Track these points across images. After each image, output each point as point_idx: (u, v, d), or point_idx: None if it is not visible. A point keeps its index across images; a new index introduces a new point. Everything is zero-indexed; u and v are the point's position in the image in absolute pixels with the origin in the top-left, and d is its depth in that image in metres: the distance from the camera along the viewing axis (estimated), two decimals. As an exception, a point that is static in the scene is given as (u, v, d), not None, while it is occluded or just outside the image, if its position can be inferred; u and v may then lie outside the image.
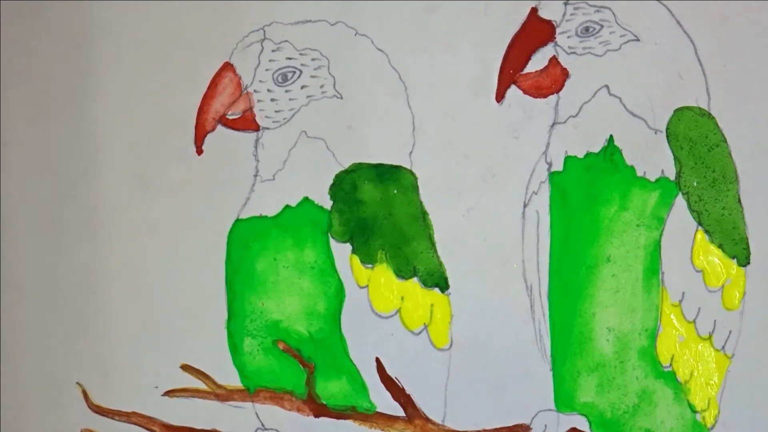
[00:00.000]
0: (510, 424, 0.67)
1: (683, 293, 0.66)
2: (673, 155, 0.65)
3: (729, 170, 0.65)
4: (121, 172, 0.68)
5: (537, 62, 0.66)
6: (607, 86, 0.65)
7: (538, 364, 0.67)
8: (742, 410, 0.66)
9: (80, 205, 0.68)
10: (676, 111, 0.65)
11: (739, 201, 0.65)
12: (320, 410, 0.68)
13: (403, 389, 0.67)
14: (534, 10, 0.65)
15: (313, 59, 0.67)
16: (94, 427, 0.69)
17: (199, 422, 0.68)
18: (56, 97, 0.68)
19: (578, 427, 0.67)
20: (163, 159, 0.68)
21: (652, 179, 0.65)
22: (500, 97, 0.66)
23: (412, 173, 0.67)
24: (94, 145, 0.68)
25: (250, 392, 0.68)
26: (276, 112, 0.67)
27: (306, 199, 0.67)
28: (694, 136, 0.65)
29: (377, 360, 0.67)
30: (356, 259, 0.67)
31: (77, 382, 0.68)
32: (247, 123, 0.67)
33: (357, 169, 0.67)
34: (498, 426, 0.67)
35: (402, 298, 0.67)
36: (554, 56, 0.65)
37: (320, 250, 0.67)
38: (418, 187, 0.67)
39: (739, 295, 0.66)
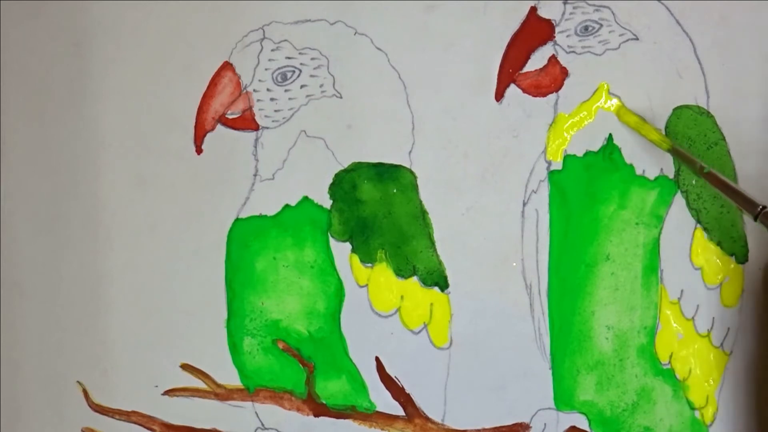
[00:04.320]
0: (509, 423, 0.67)
1: (682, 291, 0.66)
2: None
3: (727, 168, 0.65)
4: (121, 171, 0.68)
5: (536, 61, 0.66)
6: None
7: (537, 362, 0.67)
8: (741, 407, 0.66)
9: (80, 204, 0.68)
10: (675, 109, 0.66)
11: (738, 199, 0.65)
12: (320, 410, 0.68)
13: (402, 388, 0.67)
14: (533, 9, 0.66)
15: (312, 58, 0.67)
16: (94, 426, 0.69)
17: (199, 421, 0.68)
18: (56, 97, 0.68)
19: (578, 426, 0.67)
20: (162, 159, 0.67)
21: (651, 177, 0.66)
22: (499, 96, 0.66)
23: (411, 172, 0.67)
24: (94, 145, 0.68)
25: (250, 391, 0.68)
26: (275, 111, 0.67)
27: (305, 198, 0.67)
28: (693, 134, 0.65)
29: (377, 359, 0.67)
30: (356, 258, 0.67)
31: (78, 381, 0.68)
32: (246, 122, 0.67)
33: (356, 168, 0.67)
34: (498, 425, 0.67)
35: (402, 297, 0.67)
36: (553, 55, 0.66)
37: (320, 250, 0.67)
38: (417, 186, 0.67)
39: (737, 292, 0.66)
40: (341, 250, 0.67)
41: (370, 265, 0.67)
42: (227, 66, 0.67)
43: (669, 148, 0.62)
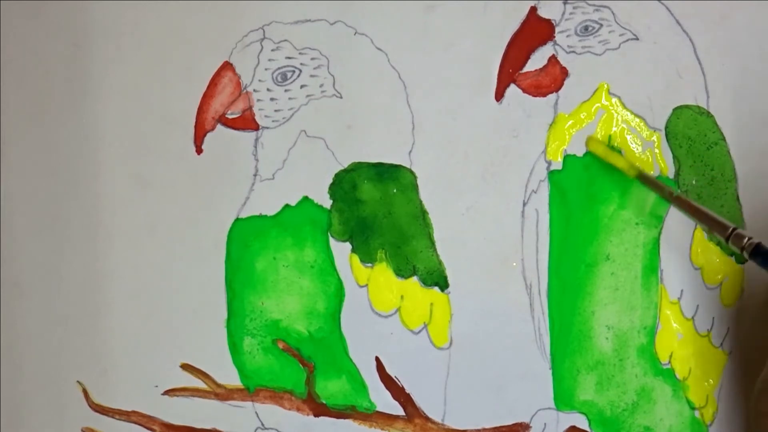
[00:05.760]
0: (509, 423, 0.67)
1: (682, 291, 0.66)
2: (672, 154, 0.65)
3: (727, 168, 0.65)
4: (121, 171, 0.68)
5: (536, 61, 0.66)
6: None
7: (537, 362, 0.67)
8: (740, 407, 0.66)
9: (80, 204, 0.68)
10: (675, 109, 0.66)
11: (738, 199, 0.65)
12: (320, 409, 0.68)
13: (402, 388, 0.67)
14: (533, 9, 0.66)
15: (312, 58, 0.67)
16: (94, 426, 0.68)
17: (199, 421, 0.68)
18: (56, 97, 0.68)
19: (578, 426, 0.67)
20: (162, 159, 0.67)
21: (651, 177, 0.66)
22: (499, 96, 0.66)
23: (411, 172, 0.67)
24: (94, 145, 0.68)
25: (250, 391, 0.68)
26: (275, 111, 0.67)
27: (305, 198, 0.67)
28: (693, 134, 0.65)
29: (377, 359, 0.67)
30: (356, 258, 0.67)
31: (78, 381, 0.68)
32: (246, 122, 0.67)
33: (356, 168, 0.67)
34: (497, 425, 0.67)
35: (402, 297, 0.67)
36: (553, 55, 0.66)
37: (320, 249, 0.67)
38: (417, 186, 0.67)
39: (737, 292, 0.66)
40: (341, 250, 0.67)
41: (370, 265, 0.67)
42: (227, 66, 0.67)
43: (636, 175, 0.63)
